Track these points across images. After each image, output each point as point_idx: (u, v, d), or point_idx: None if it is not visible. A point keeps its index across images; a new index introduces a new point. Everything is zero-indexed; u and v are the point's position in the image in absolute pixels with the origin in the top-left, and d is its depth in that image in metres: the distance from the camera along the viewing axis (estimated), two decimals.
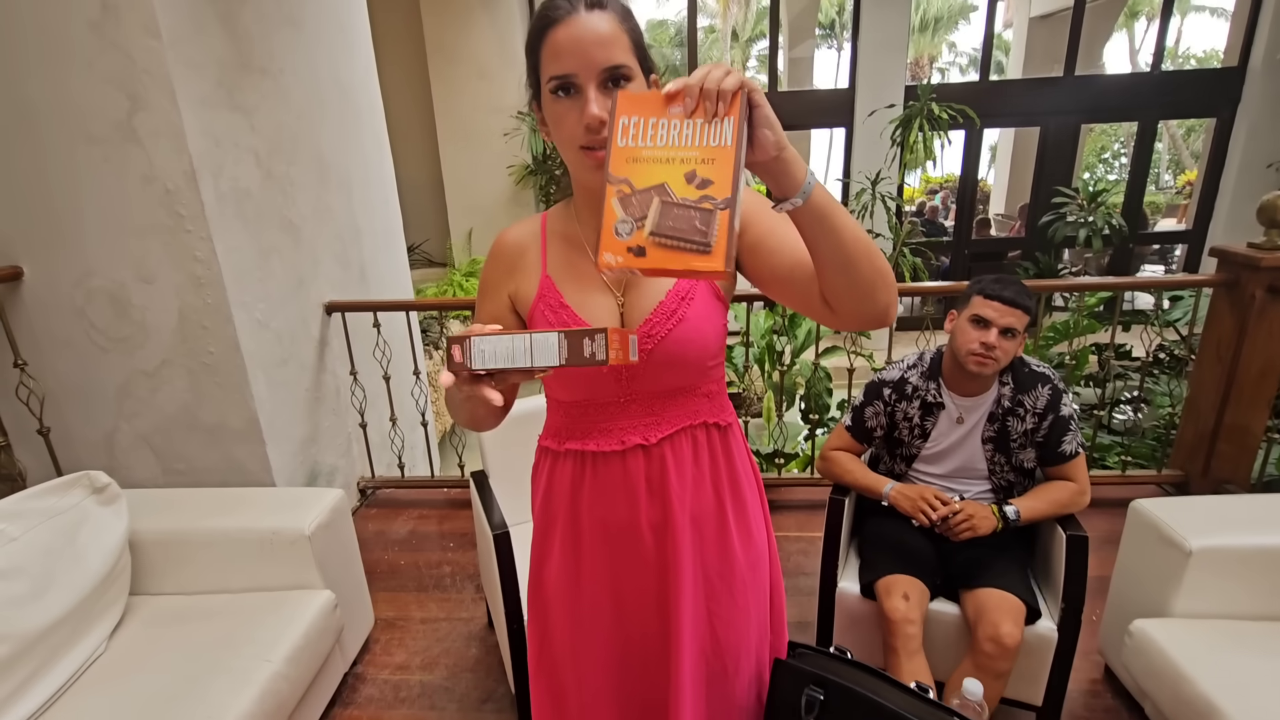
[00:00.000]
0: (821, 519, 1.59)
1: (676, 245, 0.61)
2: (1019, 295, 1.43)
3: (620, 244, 0.62)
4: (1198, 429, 2.47)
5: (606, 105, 0.74)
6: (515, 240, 0.91)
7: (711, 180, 0.60)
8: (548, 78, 0.76)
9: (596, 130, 0.74)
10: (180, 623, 1.55)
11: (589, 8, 0.74)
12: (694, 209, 0.60)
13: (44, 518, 1.44)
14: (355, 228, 2.80)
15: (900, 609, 1.41)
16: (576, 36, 0.73)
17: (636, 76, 0.77)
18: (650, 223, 0.61)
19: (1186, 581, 1.44)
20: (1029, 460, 1.54)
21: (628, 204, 0.62)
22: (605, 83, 0.75)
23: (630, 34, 0.76)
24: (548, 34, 0.75)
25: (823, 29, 16.75)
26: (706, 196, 0.60)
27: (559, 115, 0.77)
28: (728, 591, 0.94)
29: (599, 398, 0.88)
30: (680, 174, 0.61)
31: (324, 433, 2.55)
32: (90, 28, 1.77)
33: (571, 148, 0.78)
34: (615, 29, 0.75)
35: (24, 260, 1.99)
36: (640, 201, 0.61)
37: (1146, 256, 8.94)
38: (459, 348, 0.63)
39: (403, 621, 2.07)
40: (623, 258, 0.62)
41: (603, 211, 0.62)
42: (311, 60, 2.49)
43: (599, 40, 0.73)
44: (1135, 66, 15.58)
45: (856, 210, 6.22)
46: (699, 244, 0.60)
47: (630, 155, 0.61)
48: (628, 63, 0.75)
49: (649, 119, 0.62)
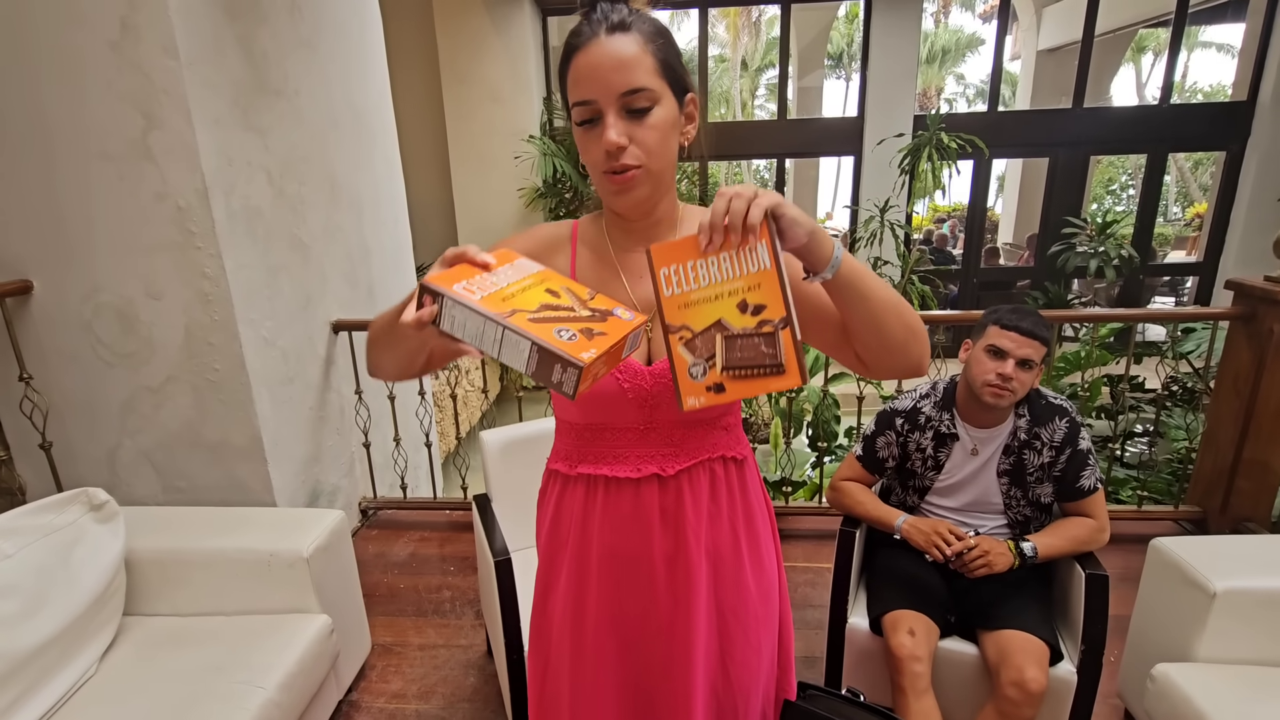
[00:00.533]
0: (829, 549, 1.56)
1: (750, 374, 0.64)
2: (1036, 326, 1.41)
3: (698, 386, 0.65)
4: (1216, 464, 2.42)
5: (627, 130, 0.74)
6: (549, 235, 0.91)
7: (764, 304, 0.63)
8: (572, 104, 0.76)
9: (615, 156, 0.74)
10: (173, 645, 1.52)
11: (610, 31, 0.73)
12: (756, 335, 0.63)
13: (40, 535, 1.42)
14: (365, 247, 2.81)
15: (906, 645, 1.36)
16: (595, 63, 0.73)
17: (662, 100, 0.75)
18: (720, 359, 0.64)
19: (1211, 625, 1.39)
20: (1046, 495, 1.50)
21: (693, 347, 0.65)
22: (626, 108, 0.74)
23: (657, 54, 0.75)
24: (571, 61, 0.75)
25: (831, 59, 16.99)
26: (764, 321, 0.63)
27: (584, 142, 0.77)
28: (741, 629, 0.90)
29: (617, 423, 0.86)
30: (733, 306, 0.64)
31: (327, 452, 2.52)
32: (110, 47, 1.79)
33: (596, 173, 0.78)
34: (638, 51, 0.73)
35: (34, 275, 2.00)
36: (704, 342, 0.65)
37: (1157, 288, 8.90)
38: (432, 300, 0.63)
39: (400, 648, 2.02)
40: (704, 398, 0.66)
41: (672, 362, 0.66)
42: (326, 82, 2.51)
43: (618, 64, 0.73)
44: (1142, 100, 15.70)
45: (864, 238, 6.23)
46: (771, 366, 0.64)
47: (681, 302, 0.64)
48: (649, 85, 0.74)
49: (687, 263, 0.65)
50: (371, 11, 2.89)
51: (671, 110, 0.77)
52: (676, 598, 0.87)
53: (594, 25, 0.74)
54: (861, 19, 6.61)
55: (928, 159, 5.75)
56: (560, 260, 0.88)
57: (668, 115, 0.76)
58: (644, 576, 0.87)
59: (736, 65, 17.88)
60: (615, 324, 0.65)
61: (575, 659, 0.91)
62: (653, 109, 0.75)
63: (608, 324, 0.65)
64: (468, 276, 0.65)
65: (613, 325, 0.65)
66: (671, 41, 0.77)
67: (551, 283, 0.69)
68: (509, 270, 0.68)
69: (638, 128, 0.74)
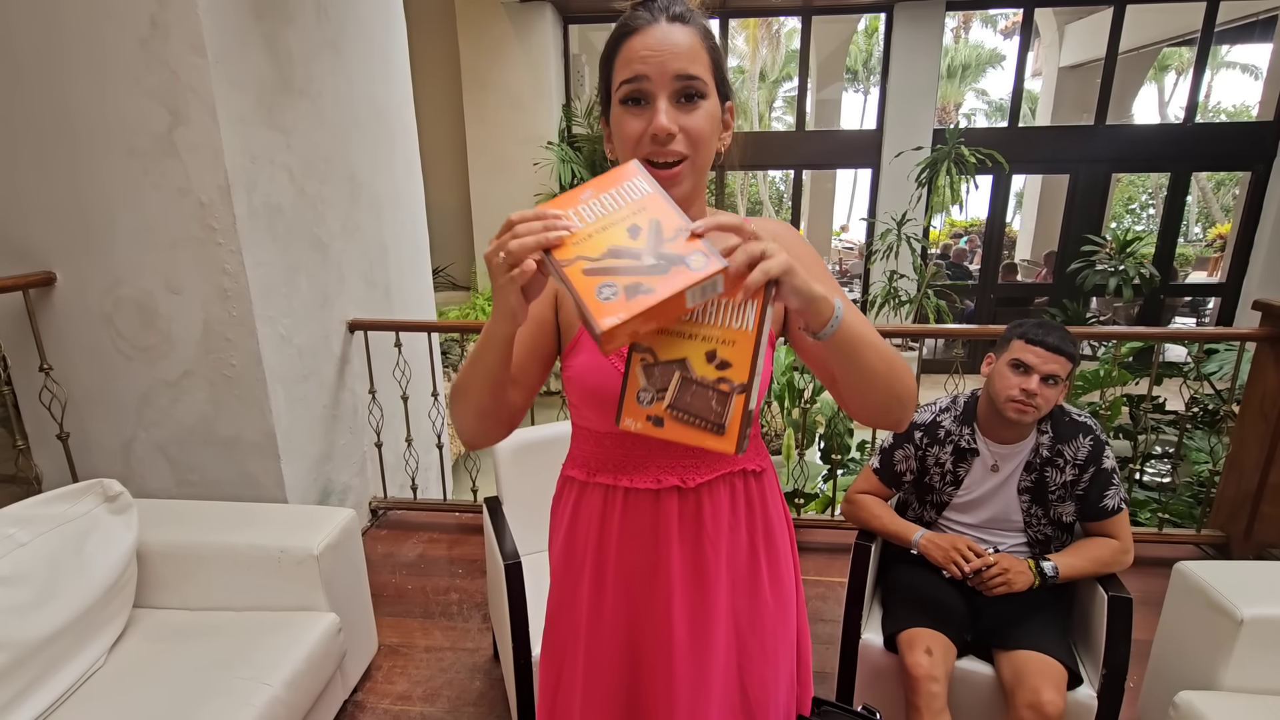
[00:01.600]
0: (843, 563, 1.53)
1: (692, 421, 0.63)
2: (1063, 341, 1.38)
3: (641, 410, 0.65)
4: (1240, 488, 2.37)
5: (677, 118, 0.72)
6: None
7: (730, 363, 0.62)
8: (619, 83, 0.74)
9: (664, 141, 0.72)
10: (182, 639, 1.52)
11: (671, 19, 0.73)
12: (711, 389, 0.62)
13: (54, 524, 1.43)
14: (383, 247, 2.82)
15: (923, 665, 1.33)
16: (653, 45, 0.72)
17: (711, 96, 0.74)
18: (670, 396, 0.64)
19: (1237, 652, 1.35)
20: (1067, 514, 1.46)
21: (650, 374, 0.65)
22: (679, 95, 0.72)
23: (710, 53, 0.74)
24: (625, 42, 0.74)
25: (850, 72, 16.99)
26: (724, 379, 0.62)
27: (625, 122, 0.74)
28: (759, 644, 0.88)
29: None
30: (701, 352, 0.62)
31: (339, 451, 2.53)
32: (139, 44, 1.82)
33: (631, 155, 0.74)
34: (696, 44, 0.73)
35: (57, 267, 2.02)
36: (662, 373, 0.64)
37: (1178, 308, 8.78)
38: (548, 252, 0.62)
39: (406, 649, 2.01)
40: (641, 425, 0.65)
41: (626, 376, 0.65)
42: (350, 84, 2.54)
43: (676, 50, 0.72)
44: (1165, 118, 15.55)
45: (881, 251, 6.19)
46: (713, 424, 0.62)
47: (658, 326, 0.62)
48: (704, 77, 0.73)
49: None
50: (396, 16, 2.92)
51: (716, 109, 0.76)
52: (693, 612, 0.85)
53: (654, 12, 0.73)
54: (882, 33, 6.60)
55: (946, 173, 5.72)
56: None
57: (714, 111, 0.75)
58: (661, 590, 0.85)
59: (755, 77, 17.92)
60: (677, 275, 0.60)
61: (589, 671, 0.89)
62: (704, 100, 0.73)
63: (668, 276, 0.60)
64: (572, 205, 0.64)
65: (673, 277, 0.59)
66: (719, 47, 0.77)
67: (642, 216, 0.64)
68: (613, 196, 0.65)
69: (687, 115, 0.73)
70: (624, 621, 0.87)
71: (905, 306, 6.17)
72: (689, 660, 0.85)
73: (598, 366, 0.80)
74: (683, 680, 0.85)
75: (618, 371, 0.78)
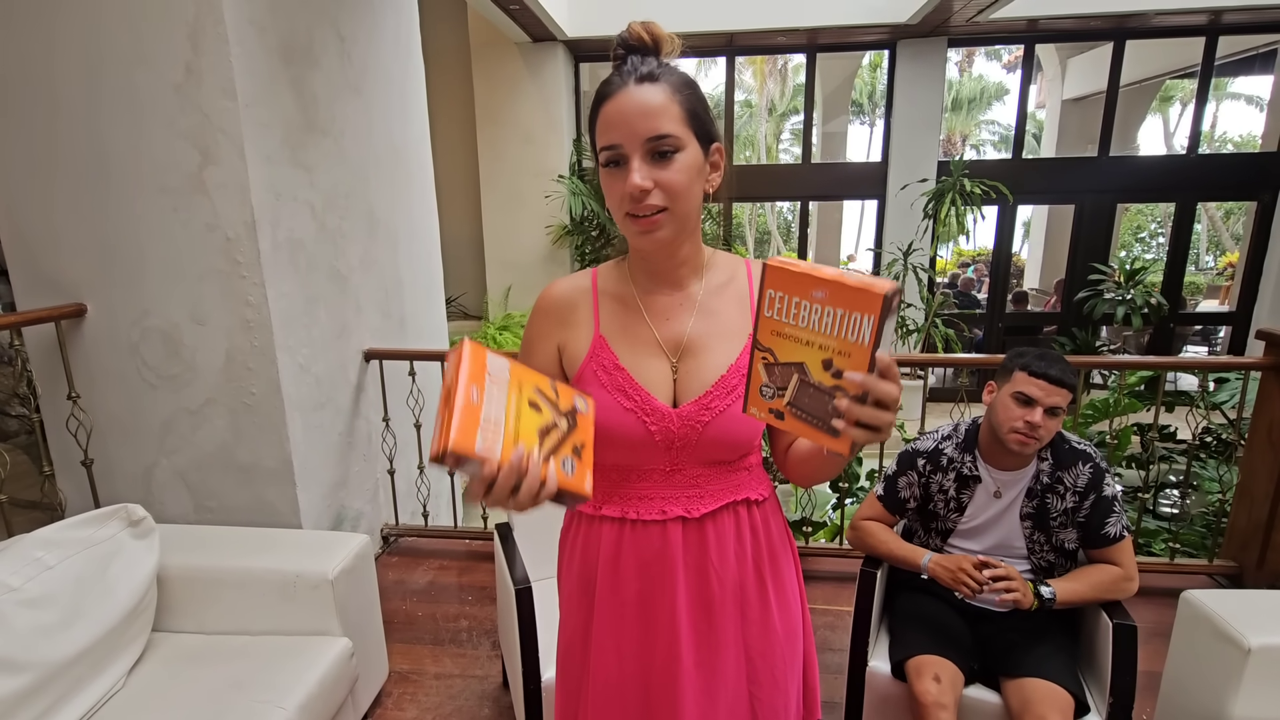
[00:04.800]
0: (849, 592, 1.54)
1: (809, 420, 0.67)
2: (1064, 374, 1.40)
3: (764, 403, 0.70)
4: (1251, 518, 2.36)
5: (652, 174, 0.76)
6: (564, 294, 0.90)
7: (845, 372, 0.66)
8: (599, 148, 0.79)
9: (639, 199, 0.77)
10: (199, 662, 1.55)
11: (639, 81, 0.77)
12: (827, 394, 0.65)
13: (80, 548, 1.47)
14: (399, 279, 2.90)
15: (931, 692, 1.34)
16: (623, 109, 0.76)
17: (687, 148, 0.78)
18: (789, 395, 0.68)
19: (1246, 683, 1.35)
20: (1070, 541, 1.48)
21: (771, 372, 0.68)
22: (651, 153, 0.76)
23: (684, 104, 0.78)
24: (600, 108, 0.79)
25: (855, 105, 17.25)
26: (839, 387, 0.64)
27: (609, 185, 0.79)
28: (769, 671, 0.90)
29: (643, 465, 0.87)
30: (818, 359, 0.65)
31: (353, 477, 2.57)
32: (174, 89, 1.92)
33: (619, 215, 0.80)
34: (665, 100, 0.76)
35: (88, 298, 2.10)
36: (782, 373, 0.68)
37: (1188, 337, 8.74)
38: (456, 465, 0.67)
39: (416, 675, 2.02)
40: (765, 415, 0.70)
41: (750, 370, 0.70)
42: (370, 123, 2.64)
43: (644, 111, 0.75)
44: (1170, 149, 15.64)
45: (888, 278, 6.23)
46: (828, 427, 0.66)
47: (775, 328, 0.66)
48: (674, 132, 0.76)
49: (794, 298, 0.65)
50: (414, 59, 3.05)
51: (696, 157, 0.79)
52: (700, 641, 0.87)
53: (624, 76, 0.77)
54: (886, 67, 6.74)
55: (951, 204, 5.79)
56: (582, 313, 0.89)
57: (692, 161, 0.78)
58: (667, 619, 0.87)
59: (763, 110, 18.24)
60: (584, 422, 0.75)
61: (600, 702, 0.91)
62: (677, 153, 0.77)
63: (580, 428, 0.74)
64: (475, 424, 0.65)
65: (583, 425, 0.74)
66: (698, 93, 0.80)
67: (525, 389, 0.72)
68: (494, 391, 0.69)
69: (662, 171, 0.77)
70: (634, 652, 0.88)
71: (914, 335, 6.19)
72: (697, 689, 0.86)
73: (603, 405, 0.82)
74: (691, 709, 0.86)
75: (623, 409, 0.83)
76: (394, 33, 2.83)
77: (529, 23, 5.56)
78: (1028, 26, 6.23)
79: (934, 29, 6.03)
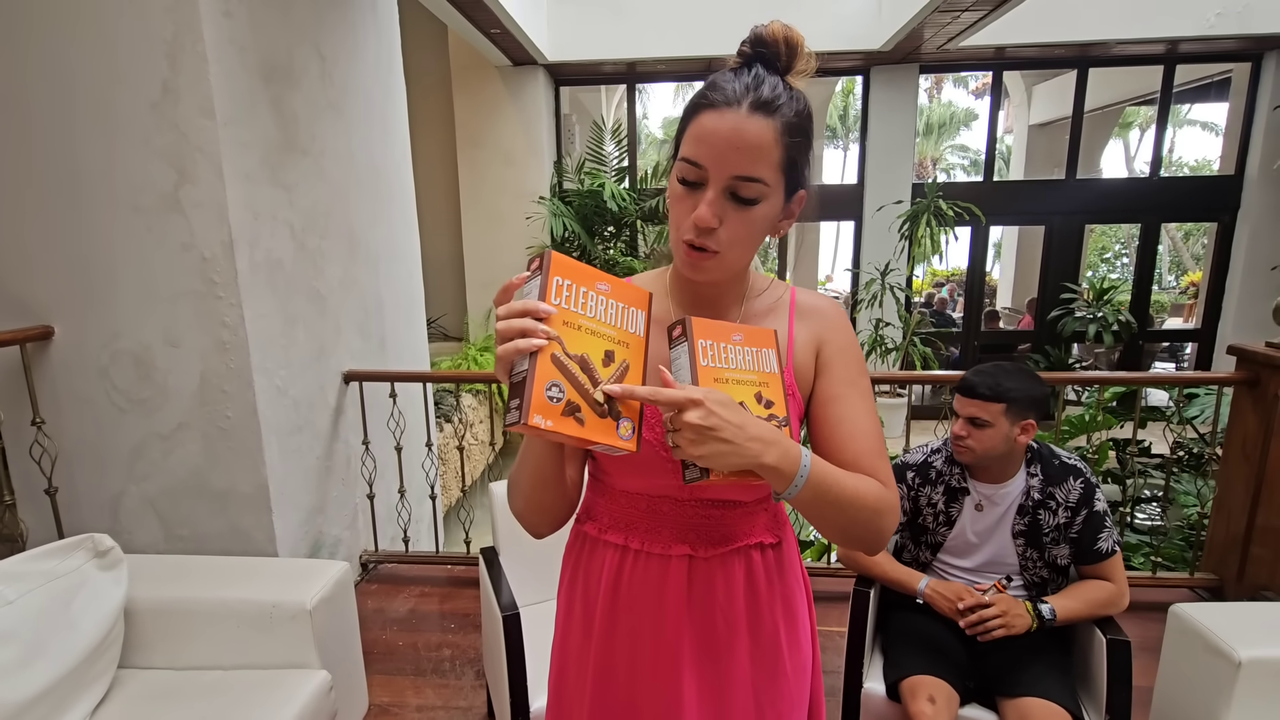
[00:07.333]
0: (840, 611, 1.53)
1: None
2: (985, 385, 1.44)
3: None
4: (1229, 531, 2.39)
5: (723, 212, 0.71)
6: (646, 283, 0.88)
7: (773, 401, 0.72)
8: (681, 155, 0.72)
9: (702, 233, 0.71)
10: (168, 700, 1.47)
11: (753, 108, 0.68)
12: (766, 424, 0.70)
13: (43, 581, 1.40)
14: (379, 300, 2.86)
15: (926, 712, 1.32)
16: (722, 133, 0.68)
17: (769, 199, 0.71)
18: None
19: (1238, 695, 1.35)
20: (1062, 556, 1.48)
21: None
22: (732, 192, 0.70)
23: (787, 149, 0.70)
24: (699, 114, 0.70)
25: (830, 129, 17.61)
26: (773, 415, 0.71)
27: (676, 200, 0.73)
28: (775, 715, 0.86)
29: (655, 491, 0.82)
30: (752, 394, 0.71)
31: (331, 503, 2.50)
32: (150, 107, 1.88)
33: (675, 234, 0.74)
34: (769, 141, 0.68)
35: (56, 320, 2.03)
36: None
37: (1156, 354, 8.96)
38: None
39: (397, 708, 1.95)
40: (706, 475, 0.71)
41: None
42: (350, 143, 2.62)
43: (743, 145, 0.68)
44: (1131, 172, 16.19)
45: (866, 299, 6.32)
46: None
47: (714, 375, 0.69)
48: (763, 177, 0.69)
49: (720, 343, 0.70)
50: (396, 80, 3.04)
51: (774, 209, 0.73)
52: (704, 683, 0.82)
53: (739, 93, 0.68)
54: (859, 93, 6.90)
55: (926, 225, 5.90)
56: None
57: (769, 214, 0.73)
58: (667, 655, 0.82)
59: None
60: (606, 429, 0.65)
61: None
62: (757, 203, 0.71)
63: (601, 423, 0.65)
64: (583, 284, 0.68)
65: (602, 428, 0.65)
66: (807, 139, 0.72)
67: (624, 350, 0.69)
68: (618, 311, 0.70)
69: (735, 214, 0.71)
70: (626, 682, 0.84)
71: (893, 354, 6.26)
72: None
73: None
74: None
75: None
76: (375, 54, 2.82)
77: (510, 46, 5.60)
78: (995, 54, 6.42)
79: (906, 56, 6.19)
